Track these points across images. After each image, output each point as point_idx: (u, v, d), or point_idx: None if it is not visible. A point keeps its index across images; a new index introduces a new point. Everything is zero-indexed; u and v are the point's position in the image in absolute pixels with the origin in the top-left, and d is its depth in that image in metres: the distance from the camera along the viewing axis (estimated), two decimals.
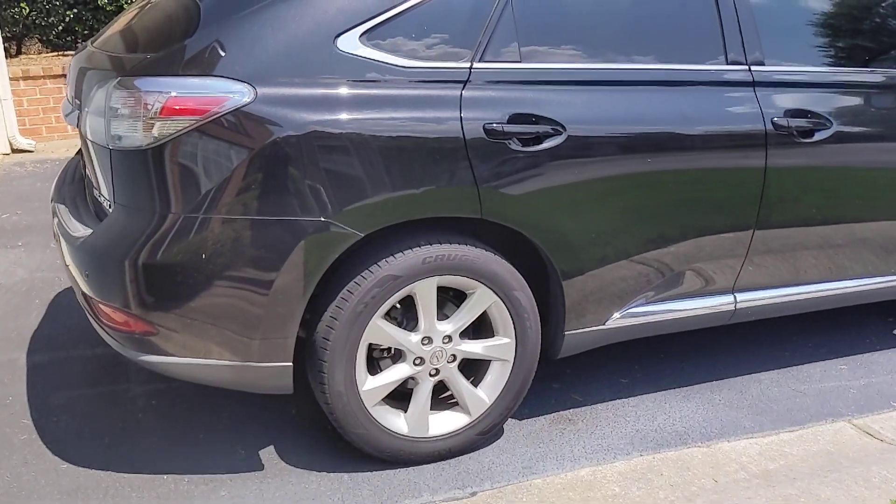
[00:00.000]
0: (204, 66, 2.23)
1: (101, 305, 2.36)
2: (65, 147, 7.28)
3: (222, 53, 2.24)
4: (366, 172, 2.30)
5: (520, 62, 2.49)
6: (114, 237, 2.30)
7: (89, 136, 2.41)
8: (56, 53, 8.18)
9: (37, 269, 4.37)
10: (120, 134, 2.25)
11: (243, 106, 2.21)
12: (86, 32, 8.22)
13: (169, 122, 2.20)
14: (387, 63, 2.35)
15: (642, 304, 2.83)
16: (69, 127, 7.44)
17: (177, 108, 2.19)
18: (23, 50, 8.40)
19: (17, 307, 3.86)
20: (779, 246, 2.96)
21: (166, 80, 2.22)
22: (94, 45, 2.71)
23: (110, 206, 2.36)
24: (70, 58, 8.01)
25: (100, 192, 2.49)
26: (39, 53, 8.33)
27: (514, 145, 2.44)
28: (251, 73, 2.23)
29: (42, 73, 7.32)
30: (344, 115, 2.27)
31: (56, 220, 2.69)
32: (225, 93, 2.21)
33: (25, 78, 7.27)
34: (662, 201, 2.69)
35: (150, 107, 2.20)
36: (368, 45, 2.34)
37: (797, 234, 2.96)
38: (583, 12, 2.60)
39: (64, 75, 7.36)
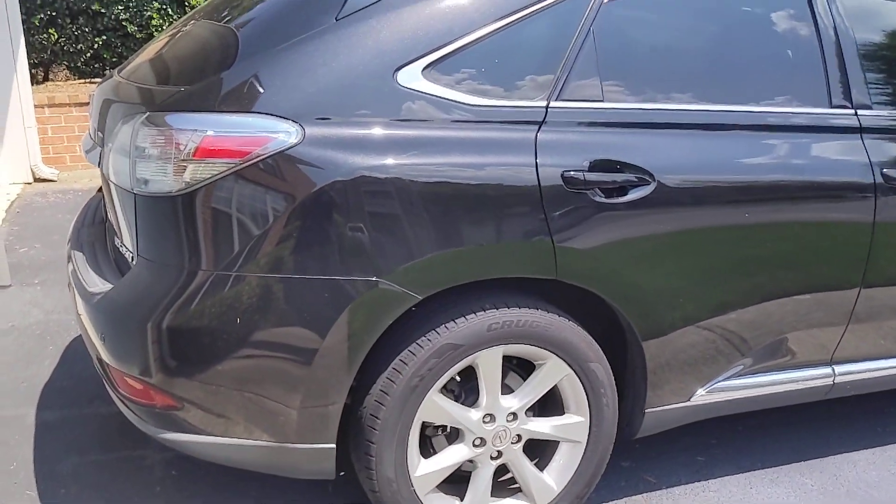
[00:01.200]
0: (244, 101, 1.93)
1: (118, 373, 2.04)
2: (88, 177, 7.06)
3: (265, 88, 1.94)
4: (426, 225, 1.98)
5: (602, 101, 2.17)
6: (136, 296, 1.99)
7: (112, 178, 2.11)
8: (83, 81, 8.00)
9: (53, 310, 4.08)
10: (146, 177, 1.95)
11: (289, 148, 1.90)
12: (114, 60, 8.04)
13: (203, 165, 1.89)
14: (452, 100, 2.04)
15: (731, 377, 2.48)
16: None
17: (213, 149, 1.89)
18: (50, 76, 8.23)
19: (29, 353, 3.57)
20: (886, 311, 2.60)
21: (201, 116, 1.92)
22: (121, 74, 2.43)
23: (133, 259, 2.06)
24: (96, 86, 7.85)
25: (121, 241, 2.19)
26: (67, 80, 8.16)
27: (596, 196, 2.11)
28: (297, 111, 1.93)
29: (68, 101, 7.12)
30: (403, 160, 1.97)
31: (71, 266, 2.40)
32: (268, 132, 1.91)
33: (51, 105, 7.08)
34: (759, 259, 2.35)
35: (182, 147, 1.90)
36: (432, 80, 2.03)
37: None
38: (673, 47, 2.29)
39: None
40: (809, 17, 2.42)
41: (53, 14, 7.63)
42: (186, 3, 7.80)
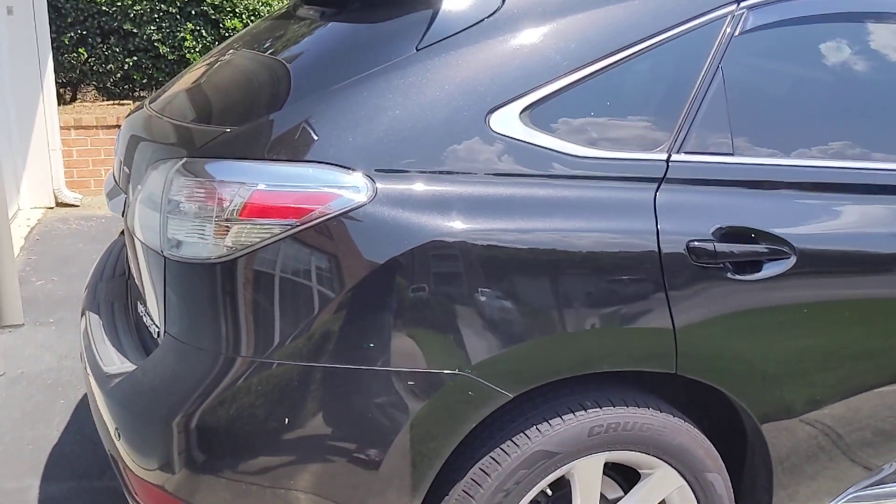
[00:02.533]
0: (301, 148, 1.56)
1: (134, 476, 1.66)
2: None
3: (327, 132, 1.57)
4: (521, 306, 1.59)
5: (732, 154, 1.78)
6: (160, 386, 1.61)
7: (137, 234, 1.74)
8: (112, 102, 7.73)
9: (66, 354, 3.72)
10: (180, 238, 1.57)
11: (356, 207, 1.53)
12: (144, 81, 7.77)
13: (251, 225, 1.52)
14: (555, 150, 1.66)
15: (870, 486, 2.05)
16: None
17: (264, 206, 1.52)
18: (78, 97, 7.97)
19: (37, 408, 3.20)
20: None
21: (250, 166, 1.55)
22: (153, 106, 2.07)
23: (159, 335, 1.68)
24: (126, 108, 7.57)
25: (146, 310, 1.81)
26: (95, 101, 7.90)
27: (727, 271, 1.72)
28: (367, 161, 1.56)
29: (95, 123, 6.83)
30: (496, 224, 1.58)
31: (84, 325, 2.02)
32: (331, 188, 1.53)
33: (77, 127, 6.80)
34: None
35: (226, 203, 1.52)
36: (531, 125, 1.65)
37: None
38: (819, 91, 1.90)
39: (119, 126, 6.87)
40: None
41: (84, 33, 7.37)
42: (221, 25, 7.52)
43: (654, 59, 1.75)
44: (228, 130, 1.61)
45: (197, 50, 7.47)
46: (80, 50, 7.43)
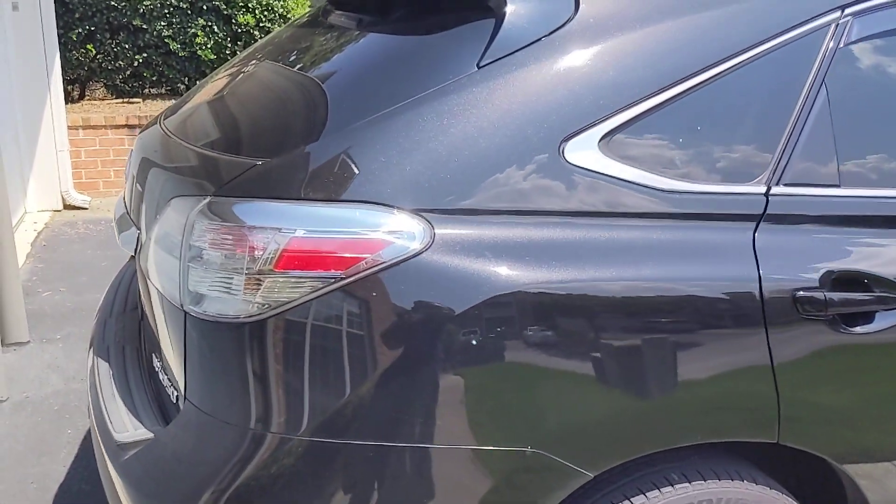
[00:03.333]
0: (344, 186, 1.32)
1: None
2: None
3: (373, 167, 1.33)
4: (604, 372, 1.35)
5: (839, 186, 1.53)
6: (179, 465, 1.37)
7: (153, 280, 1.51)
8: (121, 100, 7.50)
9: (74, 376, 3.50)
10: (203, 292, 1.34)
11: (412, 256, 1.29)
12: (154, 78, 7.54)
13: (288, 279, 1.28)
14: (640, 184, 1.42)
15: None
16: None
17: (304, 256, 1.28)
18: (86, 94, 7.75)
19: (43, 438, 2.98)
20: None
21: (287, 207, 1.31)
22: (167, 126, 1.83)
23: (177, 398, 1.45)
24: (136, 106, 7.33)
25: (162, 366, 1.58)
26: (103, 99, 7.67)
27: (837, 324, 1.47)
28: (422, 201, 1.32)
29: (103, 123, 6.61)
30: (575, 273, 1.34)
31: (92, 379, 1.79)
32: (383, 233, 1.29)
33: (85, 127, 6.57)
34: None
35: (258, 252, 1.29)
36: (611, 155, 1.41)
37: None
38: None
39: (128, 125, 6.66)
40: None
41: (92, 29, 7.14)
42: (233, 21, 7.28)
43: (750, 75, 1.50)
44: (260, 163, 1.37)
45: (208, 46, 7.23)
46: (88, 46, 7.20)
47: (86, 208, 6.40)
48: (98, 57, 7.29)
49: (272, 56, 1.86)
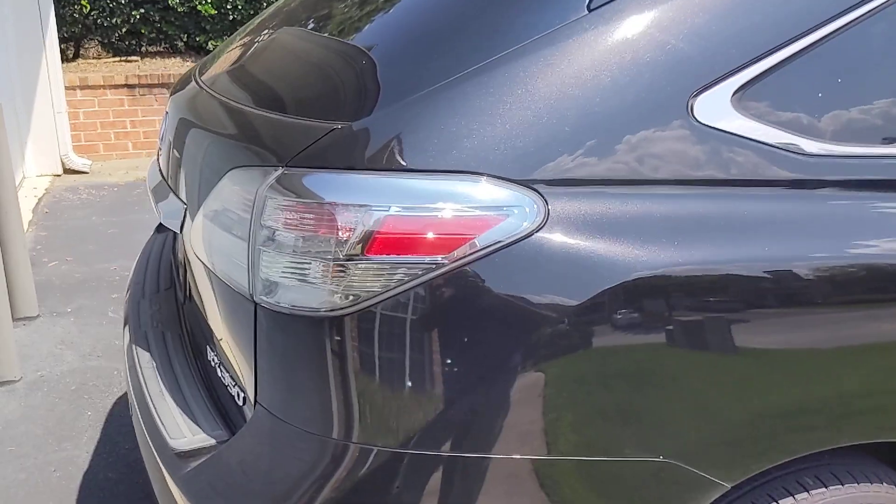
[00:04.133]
0: (443, 154, 1.11)
1: None
2: (124, 169, 6.29)
3: (477, 130, 1.12)
4: (751, 367, 1.16)
5: None
6: (250, 478, 1.18)
7: (206, 261, 1.31)
8: (118, 59, 7.20)
9: (90, 352, 3.31)
10: (278, 280, 1.14)
11: (526, 236, 1.09)
12: (152, 35, 7.23)
13: (381, 265, 1.08)
14: (785, 148, 1.21)
15: None
16: (130, 144, 6.46)
17: (400, 238, 1.08)
18: (81, 52, 7.44)
19: (62, 421, 2.80)
20: None
21: (379, 181, 1.10)
22: (207, 82, 1.61)
23: (244, 402, 1.26)
24: (134, 65, 7.02)
25: (220, 363, 1.38)
26: (98, 58, 7.36)
27: None
28: (531, 171, 1.11)
29: (102, 83, 6.34)
30: (711, 253, 1.15)
31: (133, 374, 1.59)
32: (491, 209, 1.09)
33: (83, 87, 6.30)
34: None
35: (346, 234, 1.08)
36: (747, 113, 1.20)
37: None
38: None
39: (128, 85, 6.38)
40: None
41: None
42: None
43: None
44: (339, 127, 1.15)
45: (209, 1, 6.92)
46: (82, 2, 6.87)
47: (86, 172, 6.15)
48: (93, 13, 6.97)
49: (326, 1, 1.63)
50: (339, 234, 1.08)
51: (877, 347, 1.21)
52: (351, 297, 1.09)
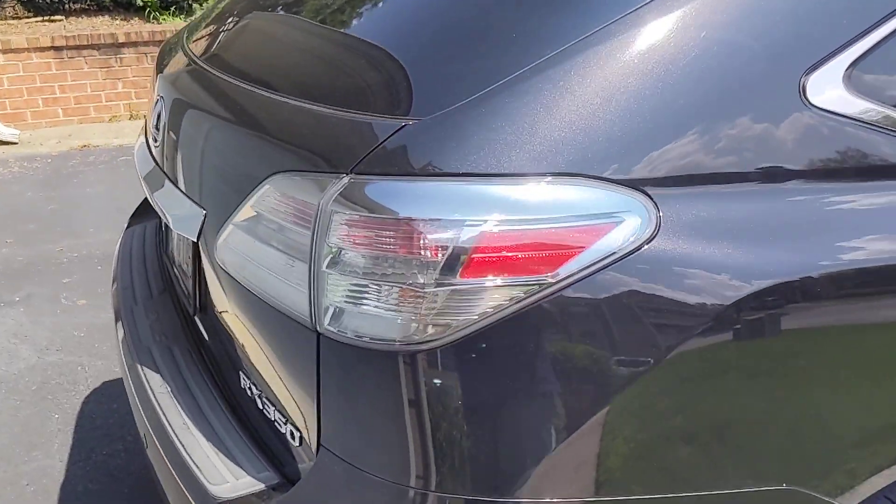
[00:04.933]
0: (539, 155, 0.94)
1: None
2: (55, 138, 5.88)
3: (573, 125, 0.96)
4: (881, 380, 1.05)
5: None
6: None
7: (241, 279, 1.12)
8: (40, 19, 6.69)
9: (48, 346, 3.06)
10: (347, 308, 0.97)
11: (639, 246, 0.94)
12: None
13: (476, 289, 0.92)
14: None
15: None
16: (60, 111, 6.05)
17: (500, 257, 0.92)
18: None
19: (27, 426, 2.57)
20: None
21: (469, 190, 0.94)
22: (206, 61, 1.39)
23: (300, 442, 1.09)
24: (59, 25, 6.51)
25: (260, 392, 1.20)
26: (18, 17, 6.83)
27: None
28: (632, 169, 0.96)
29: (26, 45, 5.88)
30: (842, 252, 1.03)
31: (139, 399, 1.39)
32: (599, 218, 0.94)
33: (5, 51, 5.83)
34: None
35: (432, 254, 0.92)
36: (861, 93, 1.07)
37: None
38: None
39: (54, 47, 5.94)
40: None
41: None
42: None
43: None
44: (411, 124, 0.98)
45: None
46: None
47: (15, 143, 5.73)
48: None
49: None
50: (427, 254, 0.92)
51: None
52: (439, 328, 0.94)
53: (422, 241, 0.92)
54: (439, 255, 0.92)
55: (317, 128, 1.06)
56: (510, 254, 0.92)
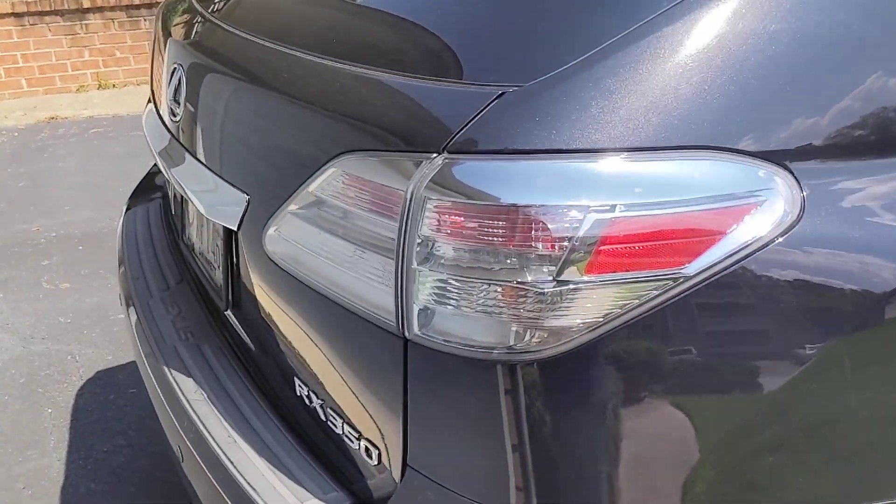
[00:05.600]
0: (668, 126, 0.79)
1: None
2: (20, 110, 5.59)
3: (698, 87, 0.81)
4: None
5: None
6: None
7: (303, 277, 0.97)
8: None
9: (32, 334, 2.88)
10: (445, 311, 0.82)
11: (786, 230, 0.81)
12: None
13: (604, 285, 0.79)
14: None
15: None
16: (24, 81, 5.75)
17: (631, 248, 0.78)
18: None
19: (18, 424, 2.40)
20: None
21: (590, 169, 0.79)
22: (239, 26, 1.22)
23: (378, 460, 0.95)
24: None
25: (323, 402, 1.05)
26: None
27: None
28: (768, 141, 0.82)
29: None
30: None
31: (168, 395, 1.24)
32: (743, 196, 0.80)
33: None
34: None
35: (550, 248, 0.78)
36: None
37: None
38: None
39: (14, 14, 5.61)
40: None
41: None
42: None
43: None
44: (511, 91, 0.82)
45: None
46: None
47: None
48: None
49: None
50: (541, 247, 0.78)
51: None
52: (553, 334, 0.80)
53: (534, 233, 0.78)
54: (556, 247, 0.78)
55: (395, 100, 0.90)
56: (640, 244, 0.78)
